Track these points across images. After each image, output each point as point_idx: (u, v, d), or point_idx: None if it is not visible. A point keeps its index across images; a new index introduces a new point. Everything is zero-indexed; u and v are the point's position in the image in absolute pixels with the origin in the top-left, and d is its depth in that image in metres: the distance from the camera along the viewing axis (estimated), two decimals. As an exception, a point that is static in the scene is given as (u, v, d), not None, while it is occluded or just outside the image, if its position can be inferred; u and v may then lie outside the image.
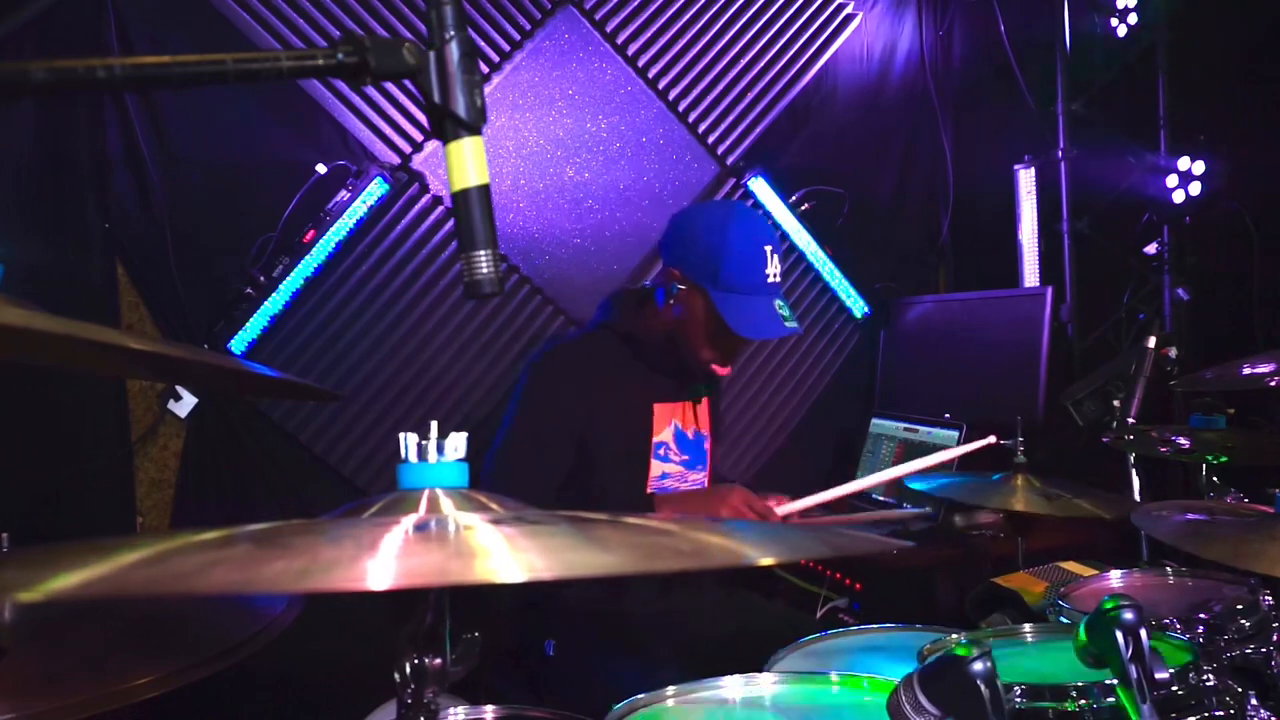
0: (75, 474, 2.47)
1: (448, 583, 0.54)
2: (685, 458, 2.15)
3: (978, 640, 0.94)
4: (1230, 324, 3.36)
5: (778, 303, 1.96)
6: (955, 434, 2.89)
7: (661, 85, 3.19)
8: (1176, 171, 3.44)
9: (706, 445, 2.20)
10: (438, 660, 0.77)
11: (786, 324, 1.94)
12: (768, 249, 1.94)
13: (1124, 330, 3.48)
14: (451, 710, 1.33)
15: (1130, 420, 2.51)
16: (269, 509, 2.71)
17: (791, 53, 3.38)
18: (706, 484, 2.19)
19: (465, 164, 0.89)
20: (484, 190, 0.90)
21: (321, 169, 2.72)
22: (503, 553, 0.59)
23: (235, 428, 2.71)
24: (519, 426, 1.98)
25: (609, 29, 3.11)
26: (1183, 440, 2.13)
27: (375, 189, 2.76)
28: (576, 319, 3.04)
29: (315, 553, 0.57)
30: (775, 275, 1.95)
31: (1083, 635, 1.05)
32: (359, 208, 2.75)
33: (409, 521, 0.67)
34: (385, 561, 0.56)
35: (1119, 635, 1.00)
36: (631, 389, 2.04)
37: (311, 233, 2.71)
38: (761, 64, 3.33)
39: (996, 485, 2.05)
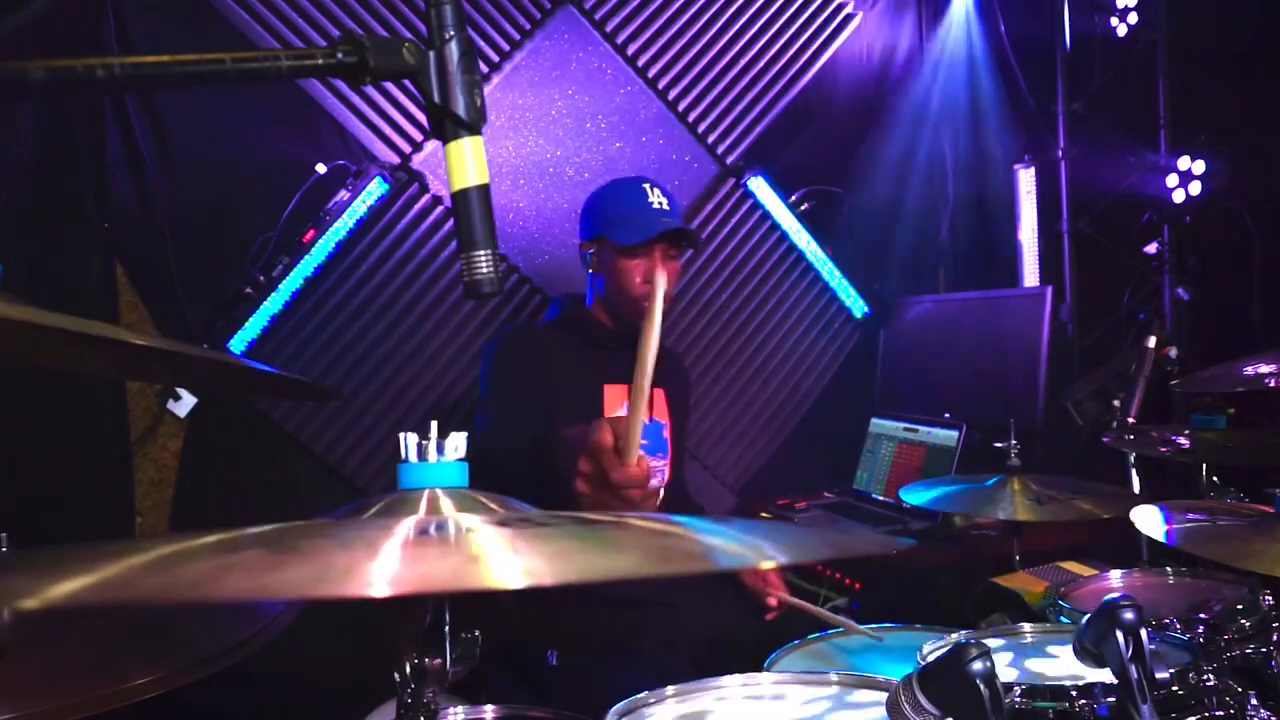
0: (75, 474, 2.47)
1: (460, 589, 0.53)
2: (644, 442, 2.16)
3: (978, 640, 0.93)
4: (1230, 324, 3.36)
5: (656, 197, 2.07)
6: (955, 434, 2.89)
7: (661, 85, 3.19)
8: (1176, 171, 3.44)
9: (665, 434, 2.24)
10: (437, 660, 0.77)
11: (663, 219, 2.03)
12: (645, 185, 2.11)
13: (1124, 330, 3.48)
14: (451, 710, 1.33)
15: (1130, 420, 2.50)
16: (268, 509, 2.71)
17: (791, 53, 3.38)
18: (668, 472, 2.24)
19: (465, 164, 0.89)
20: (484, 190, 0.90)
21: (321, 169, 2.72)
22: (511, 558, 0.58)
23: (235, 428, 2.71)
24: (493, 398, 2.05)
25: (609, 29, 3.11)
26: (1183, 440, 2.13)
27: (375, 189, 2.76)
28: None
29: (328, 559, 0.56)
30: (660, 202, 2.08)
31: (1083, 635, 1.05)
32: (359, 207, 2.75)
33: (413, 524, 0.66)
34: (397, 567, 0.55)
35: (1119, 635, 1.00)
36: (581, 370, 2.11)
37: (311, 232, 2.71)
38: (761, 64, 3.33)
39: (992, 490, 2.05)
